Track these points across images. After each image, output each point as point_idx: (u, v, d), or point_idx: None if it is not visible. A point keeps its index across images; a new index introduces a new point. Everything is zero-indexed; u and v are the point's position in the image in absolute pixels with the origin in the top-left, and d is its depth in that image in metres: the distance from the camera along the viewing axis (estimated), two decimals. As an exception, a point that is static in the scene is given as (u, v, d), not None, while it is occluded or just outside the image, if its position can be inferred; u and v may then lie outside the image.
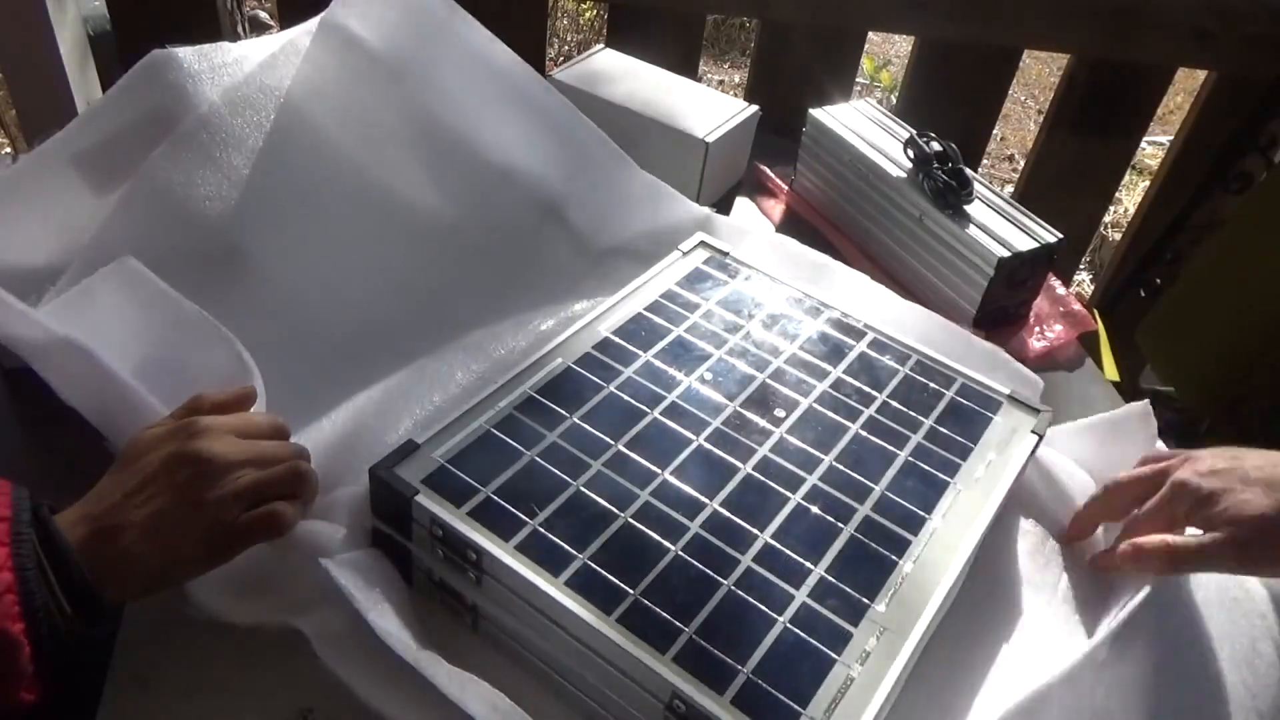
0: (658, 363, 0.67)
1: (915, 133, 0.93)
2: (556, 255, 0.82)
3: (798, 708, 0.48)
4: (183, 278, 0.66)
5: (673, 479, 0.58)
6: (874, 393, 0.67)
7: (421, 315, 0.74)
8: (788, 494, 0.58)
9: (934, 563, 0.56)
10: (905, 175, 0.92)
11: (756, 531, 0.56)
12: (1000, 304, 0.88)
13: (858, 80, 1.48)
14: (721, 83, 2.90)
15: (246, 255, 0.71)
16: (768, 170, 1.07)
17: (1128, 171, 1.39)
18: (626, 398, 0.63)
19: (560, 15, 2.88)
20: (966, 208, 0.88)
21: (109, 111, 0.73)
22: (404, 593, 0.57)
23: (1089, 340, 0.94)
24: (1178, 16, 1.18)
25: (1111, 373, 1.12)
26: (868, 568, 0.55)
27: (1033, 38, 1.24)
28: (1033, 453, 0.65)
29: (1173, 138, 1.39)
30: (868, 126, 0.99)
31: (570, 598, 0.50)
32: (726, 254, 0.79)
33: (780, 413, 0.64)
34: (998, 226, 0.87)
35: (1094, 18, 1.19)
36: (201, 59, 0.74)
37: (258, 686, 0.54)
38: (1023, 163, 1.60)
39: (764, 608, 0.52)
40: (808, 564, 0.54)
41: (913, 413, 0.66)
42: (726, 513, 0.57)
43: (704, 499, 0.57)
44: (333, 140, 0.76)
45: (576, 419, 0.61)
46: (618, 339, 0.68)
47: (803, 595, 0.53)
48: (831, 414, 0.65)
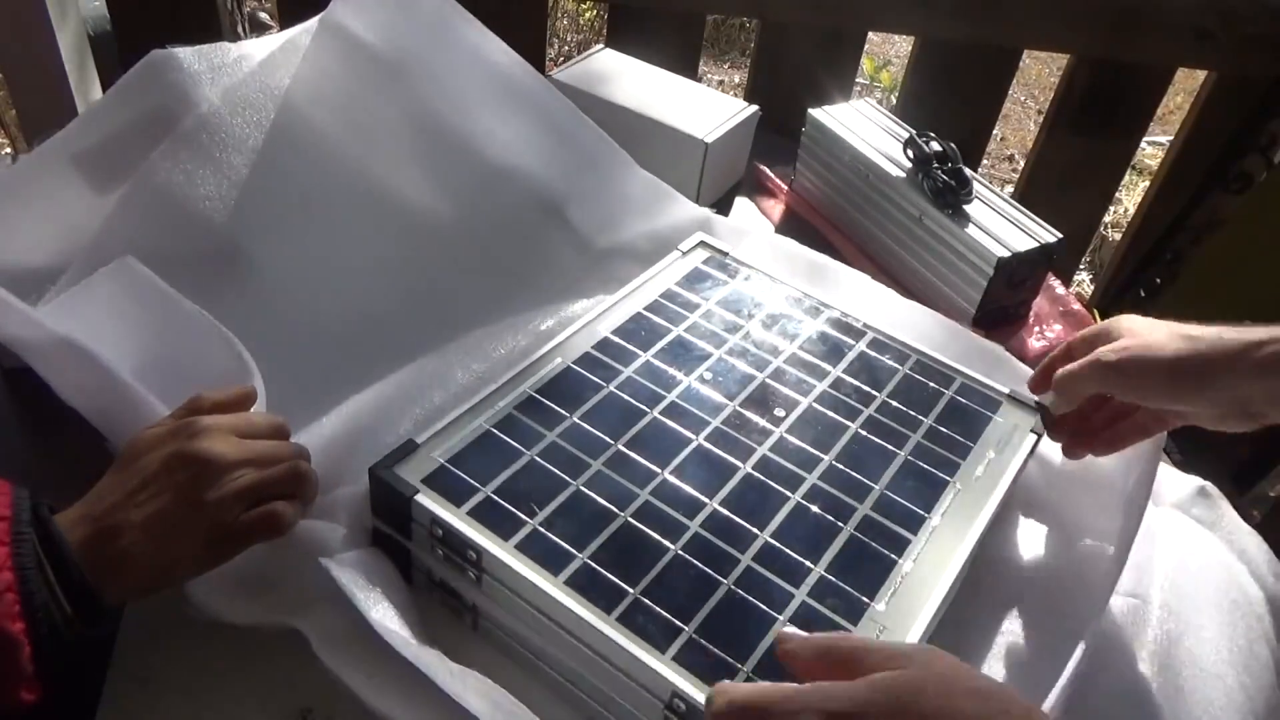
0: (657, 362, 0.67)
1: (915, 133, 0.93)
2: (557, 254, 0.82)
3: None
4: (183, 277, 0.66)
5: (672, 478, 0.58)
6: (873, 392, 0.67)
7: (421, 314, 0.74)
8: (787, 493, 0.58)
9: (934, 562, 0.56)
10: (905, 175, 0.92)
11: (756, 531, 0.56)
12: (1000, 304, 0.88)
13: (858, 80, 1.48)
14: (721, 83, 2.90)
15: (247, 255, 0.71)
16: (768, 170, 1.07)
17: (1128, 171, 1.39)
18: (626, 397, 0.64)
19: (560, 15, 2.88)
20: (966, 208, 0.89)
21: (109, 111, 0.73)
22: (404, 592, 0.57)
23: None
24: (1178, 16, 1.18)
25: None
26: (867, 567, 0.55)
27: (1033, 38, 1.24)
28: (1032, 451, 0.65)
29: (1173, 138, 1.39)
30: (867, 126, 0.99)
31: (570, 597, 0.50)
32: (726, 254, 0.79)
33: (780, 412, 0.64)
34: (997, 226, 0.87)
35: (1094, 18, 1.19)
36: (201, 59, 0.74)
37: (258, 686, 0.54)
38: (1023, 163, 1.60)
39: (764, 607, 0.52)
40: (807, 563, 0.54)
41: (912, 412, 0.66)
42: (726, 512, 0.57)
43: (704, 498, 0.57)
44: (333, 140, 0.76)
45: (576, 418, 0.61)
46: (617, 339, 0.68)
47: (803, 594, 0.53)
48: (831, 413, 0.65)
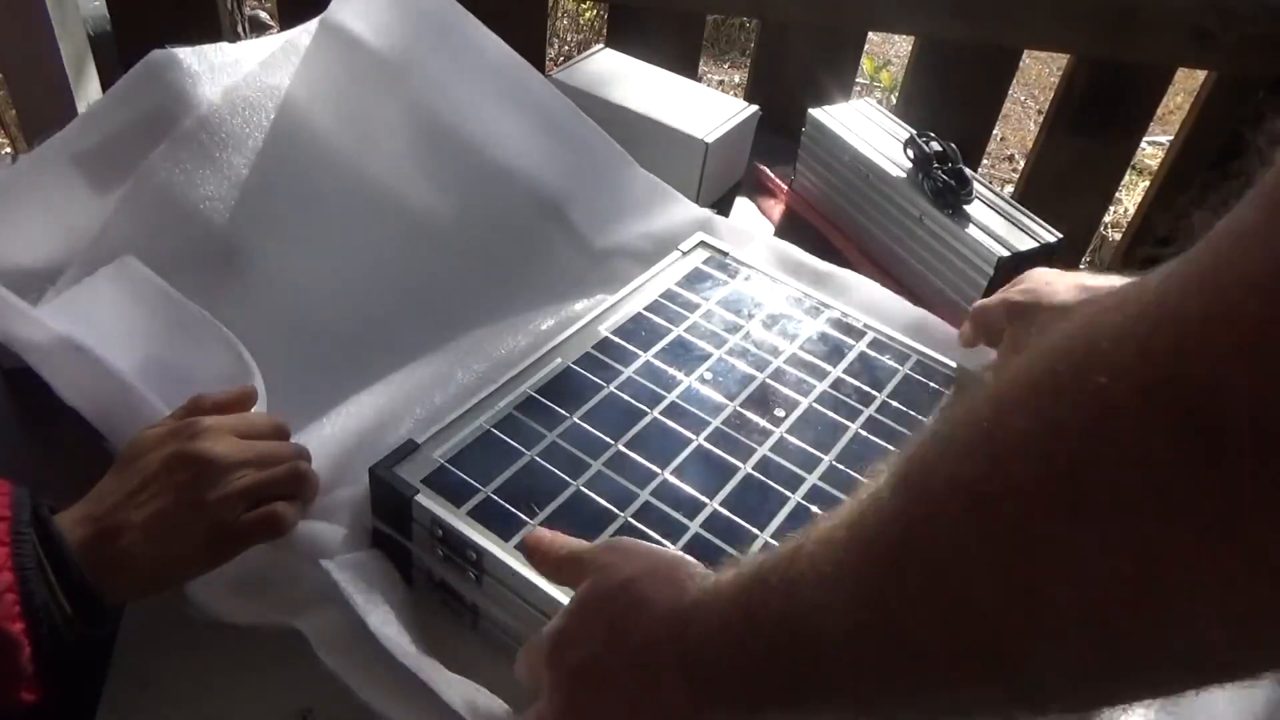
0: (657, 362, 0.67)
1: (915, 133, 0.93)
2: (557, 254, 0.82)
3: None
4: (183, 277, 0.66)
5: (673, 479, 0.58)
6: (874, 392, 0.67)
7: (421, 314, 0.74)
8: (788, 494, 0.58)
9: None
10: (905, 175, 0.92)
11: (756, 531, 0.56)
12: (1000, 304, 0.88)
13: (858, 80, 1.48)
14: (721, 83, 2.90)
15: (246, 255, 0.71)
16: (768, 170, 1.07)
17: (1128, 171, 1.39)
18: (626, 397, 0.64)
19: (560, 15, 2.88)
20: (966, 208, 0.88)
21: (109, 112, 0.73)
22: (404, 593, 0.57)
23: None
24: (1178, 16, 1.18)
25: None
26: None
27: (1033, 38, 1.24)
28: None
29: (1173, 138, 1.39)
30: (868, 126, 0.99)
31: (570, 597, 0.50)
32: (726, 254, 0.79)
33: (780, 412, 0.64)
34: (997, 226, 0.87)
35: (1094, 18, 1.19)
36: (201, 59, 0.74)
37: (258, 686, 0.54)
38: (1023, 163, 1.60)
39: None
40: None
41: (913, 412, 0.66)
42: (726, 512, 0.57)
43: (704, 499, 0.57)
44: (333, 140, 0.76)
45: (576, 419, 0.61)
46: (617, 339, 0.68)
47: None
48: (831, 414, 0.65)
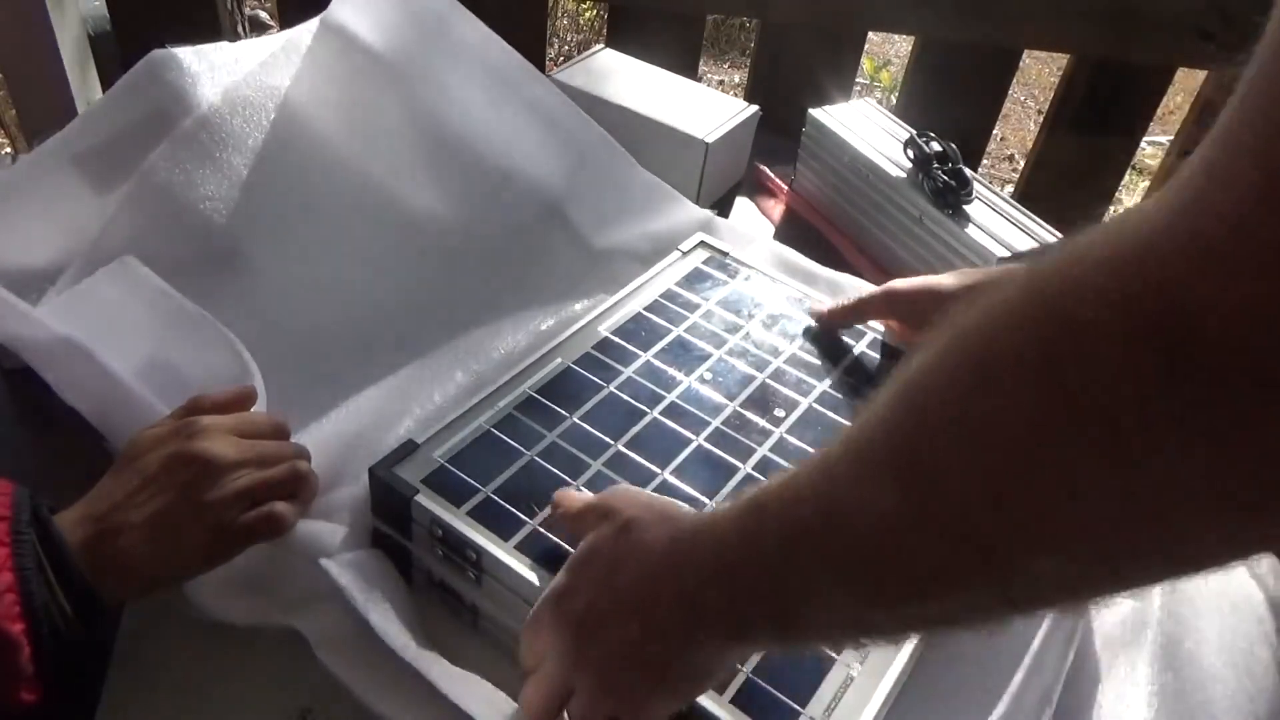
0: (657, 362, 0.67)
1: (915, 133, 0.93)
2: (557, 254, 0.82)
3: (797, 707, 0.48)
4: (183, 278, 0.66)
5: (673, 479, 0.58)
6: (875, 391, 0.67)
7: (422, 314, 0.74)
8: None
9: None
10: (905, 175, 0.92)
11: None
12: (1000, 304, 0.88)
13: (858, 80, 1.48)
14: (721, 83, 2.90)
15: (246, 255, 0.71)
16: (768, 170, 1.07)
17: (1128, 171, 1.39)
18: (626, 397, 0.64)
19: (560, 15, 2.88)
20: (966, 208, 0.88)
21: (109, 112, 0.73)
22: (404, 592, 0.57)
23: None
24: (1178, 16, 1.18)
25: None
26: None
27: (1033, 38, 1.24)
28: None
29: (1173, 138, 1.39)
30: (868, 126, 0.99)
31: None
32: (726, 254, 0.79)
33: (780, 412, 0.64)
34: (998, 226, 0.87)
35: (1094, 18, 1.19)
36: (201, 59, 0.74)
37: (258, 686, 0.54)
38: (1023, 163, 1.60)
39: None
40: None
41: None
42: None
43: (704, 499, 0.57)
44: (333, 140, 0.76)
45: (576, 419, 0.61)
46: (617, 339, 0.68)
47: None
48: (831, 414, 0.65)
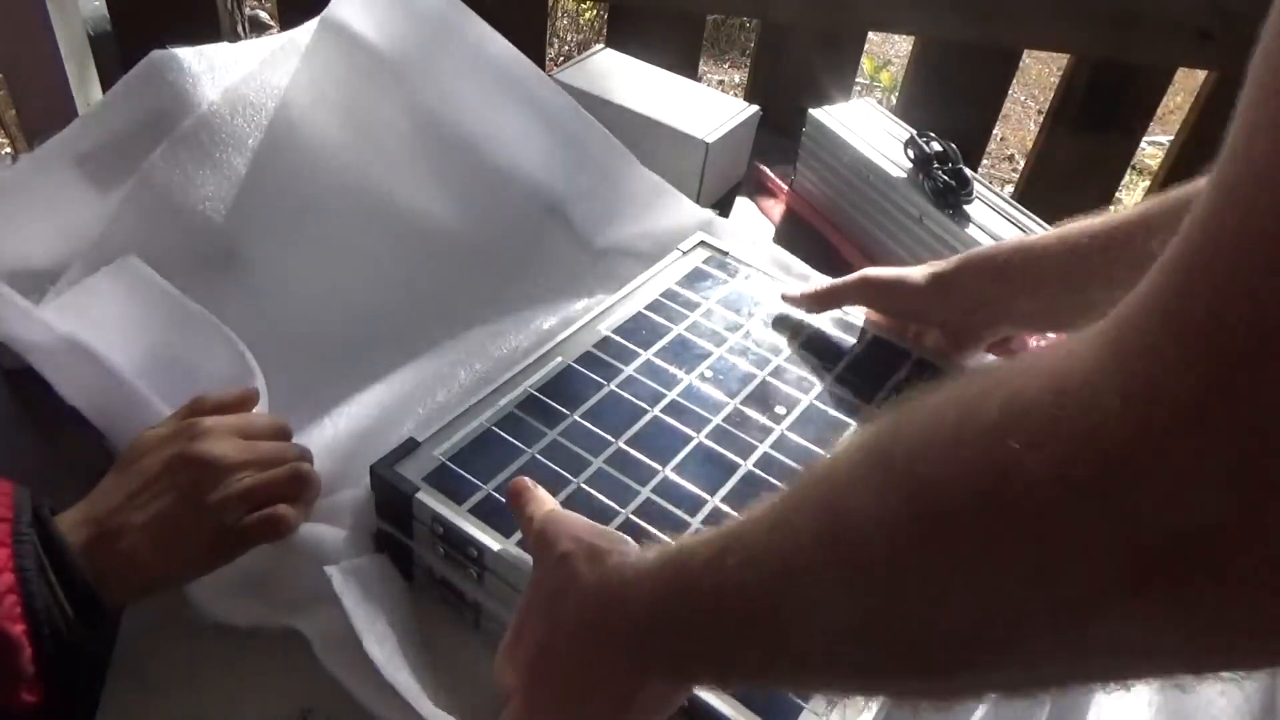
0: (658, 361, 0.67)
1: (915, 133, 0.93)
2: (558, 253, 0.82)
3: (800, 702, 0.48)
4: (184, 278, 0.66)
5: (674, 476, 0.58)
6: (876, 389, 0.67)
7: (423, 314, 0.74)
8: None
9: None
10: (905, 175, 0.92)
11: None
12: (1000, 304, 0.88)
13: (858, 80, 1.48)
14: (721, 83, 2.90)
15: (248, 255, 0.71)
16: (768, 170, 1.07)
17: (1128, 171, 1.39)
18: (627, 396, 0.64)
19: (560, 15, 2.88)
20: (966, 208, 0.88)
21: (109, 112, 0.73)
22: (405, 601, 0.57)
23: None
24: (1178, 16, 1.18)
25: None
26: None
27: (1033, 38, 1.24)
28: None
29: (1173, 138, 1.39)
30: (868, 126, 0.99)
31: None
32: (726, 253, 0.79)
33: (781, 410, 0.64)
34: (998, 226, 0.87)
35: (1094, 18, 1.19)
36: (201, 59, 0.74)
37: (258, 686, 0.54)
38: (1023, 163, 1.59)
39: None
40: None
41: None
42: (728, 509, 0.57)
43: (705, 496, 0.57)
44: (334, 139, 0.76)
45: (577, 417, 0.61)
46: (618, 337, 0.68)
47: None
48: (832, 411, 0.65)
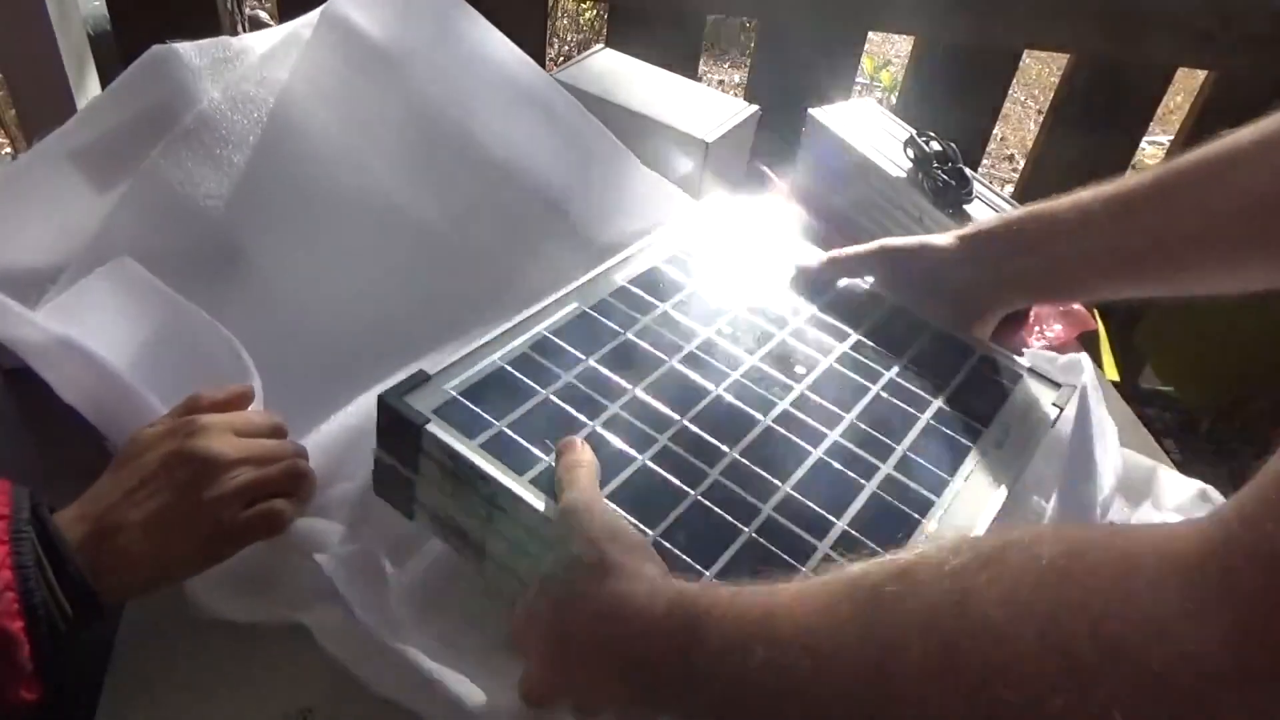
0: (676, 314, 0.65)
1: (915, 133, 0.93)
2: (559, 251, 0.82)
3: None
4: (182, 276, 0.66)
5: (692, 426, 0.57)
6: (894, 357, 0.66)
7: (423, 311, 0.74)
8: (809, 448, 0.57)
9: (958, 526, 0.54)
10: (905, 175, 0.92)
11: (778, 483, 0.54)
12: (1000, 304, 0.88)
13: (858, 80, 1.48)
14: (721, 83, 2.90)
15: (247, 253, 0.71)
16: (768, 170, 1.07)
17: (1128, 171, 1.39)
18: (644, 345, 0.62)
19: (560, 15, 2.89)
20: (966, 208, 0.88)
21: (108, 108, 0.73)
22: (397, 586, 0.56)
23: (1089, 340, 0.94)
24: (1178, 16, 1.18)
25: (1111, 372, 1.12)
26: (891, 525, 0.54)
27: (1033, 38, 1.24)
28: (1053, 424, 0.64)
29: (1173, 138, 1.39)
30: (867, 126, 0.99)
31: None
32: (745, 215, 0.77)
33: (800, 370, 0.63)
34: (998, 226, 0.87)
35: (1094, 18, 1.19)
36: (202, 54, 0.73)
37: (258, 686, 0.54)
38: (1023, 163, 1.60)
39: (788, 557, 0.50)
40: (830, 517, 0.53)
41: (933, 380, 0.65)
42: (747, 462, 0.55)
43: (724, 447, 0.56)
44: (333, 136, 0.76)
45: (593, 361, 0.59)
46: (635, 288, 0.66)
47: (825, 547, 0.51)
48: (852, 374, 0.64)
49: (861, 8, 1.20)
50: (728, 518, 0.52)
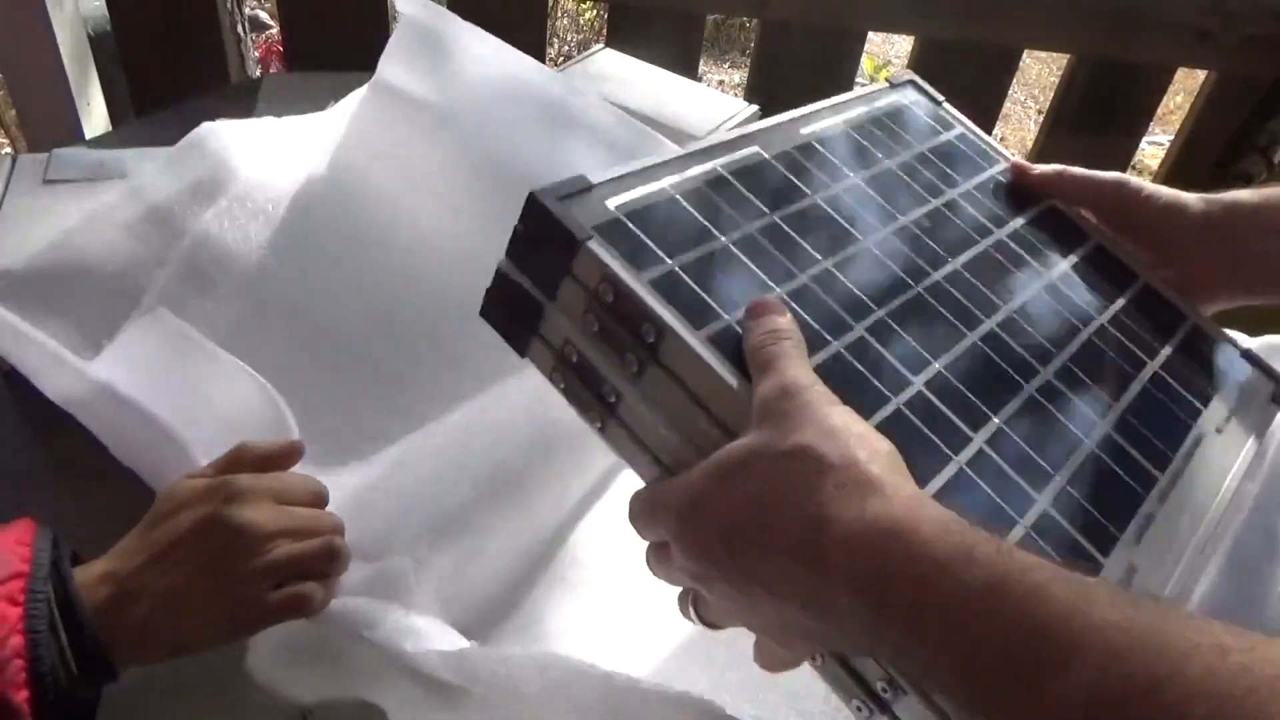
0: (869, 190, 0.55)
1: (915, 133, 0.93)
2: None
3: None
4: (235, 334, 0.67)
5: (892, 323, 0.48)
6: (1104, 301, 0.57)
7: (482, 361, 0.70)
8: (1020, 380, 0.49)
9: (1186, 508, 0.48)
10: (905, 175, 0.92)
11: (990, 413, 0.46)
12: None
13: (858, 80, 1.48)
14: (721, 83, 2.90)
15: (303, 309, 0.73)
16: (768, 170, 1.07)
17: (1128, 171, 1.39)
18: (834, 215, 0.52)
19: (560, 15, 2.89)
20: (967, 207, 0.88)
21: (158, 180, 0.73)
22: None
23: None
24: (1178, 16, 1.18)
25: None
26: (1112, 493, 0.47)
27: (1033, 38, 1.24)
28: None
29: (1173, 138, 1.39)
30: (868, 126, 0.98)
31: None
32: (940, 102, 0.67)
33: (1007, 294, 0.54)
34: (998, 226, 0.86)
35: (1094, 18, 1.19)
36: (249, 131, 0.76)
37: (258, 687, 0.54)
38: (1023, 163, 1.60)
39: (1001, 503, 0.43)
40: (1048, 467, 0.46)
41: (1148, 336, 0.57)
42: (954, 380, 0.47)
43: (928, 356, 0.48)
44: (385, 187, 0.78)
45: (778, 218, 0.50)
46: (821, 148, 0.57)
47: (1045, 503, 0.45)
48: (1061, 309, 0.55)
49: (861, 8, 1.20)
50: (934, 438, 0.44)
